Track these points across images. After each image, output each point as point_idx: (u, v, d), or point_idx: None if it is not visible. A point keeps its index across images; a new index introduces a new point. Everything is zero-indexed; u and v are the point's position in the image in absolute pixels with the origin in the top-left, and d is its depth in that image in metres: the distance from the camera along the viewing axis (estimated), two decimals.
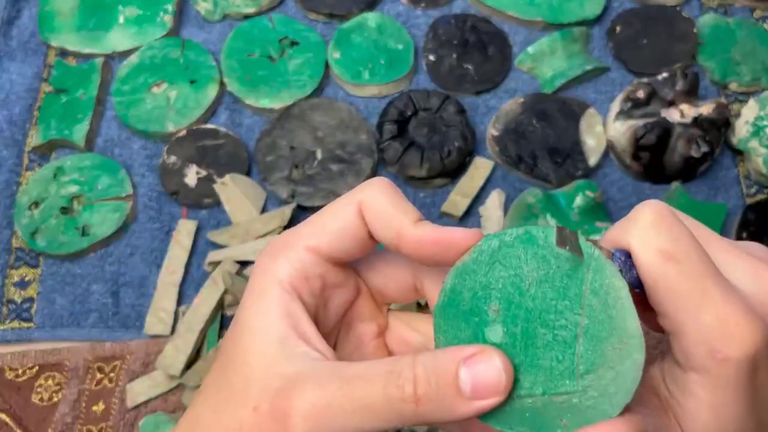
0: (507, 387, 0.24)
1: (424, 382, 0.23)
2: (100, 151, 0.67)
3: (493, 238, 0.25)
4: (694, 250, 0.24)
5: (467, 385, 0.23)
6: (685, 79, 0.63)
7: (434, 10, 0.73)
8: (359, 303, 0.30)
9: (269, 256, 0.28)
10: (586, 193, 0.61)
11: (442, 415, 0.24)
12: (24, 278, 0.63)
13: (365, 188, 0.27)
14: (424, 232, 0.26)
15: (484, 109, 0.69)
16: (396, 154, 0.63)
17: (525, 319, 0.24)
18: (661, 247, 0.24)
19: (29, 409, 0.57)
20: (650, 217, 0.25)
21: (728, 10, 0.74)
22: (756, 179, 0.65)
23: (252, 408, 0.25)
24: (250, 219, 0.62)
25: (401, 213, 0.27)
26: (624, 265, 0.25)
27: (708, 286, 0.23)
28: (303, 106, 0.67)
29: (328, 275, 0.28)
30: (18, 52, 0.72)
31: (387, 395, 0.24)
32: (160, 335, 0.59)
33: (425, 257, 0.27)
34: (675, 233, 0.24)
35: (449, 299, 0.26)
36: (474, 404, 0.23)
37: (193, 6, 0.74)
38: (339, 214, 0.28)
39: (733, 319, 0.23)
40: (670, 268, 0.24)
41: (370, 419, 0.24)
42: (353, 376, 0.24)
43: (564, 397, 0.23)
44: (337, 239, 0.27)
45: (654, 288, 0.24)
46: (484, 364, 0.24)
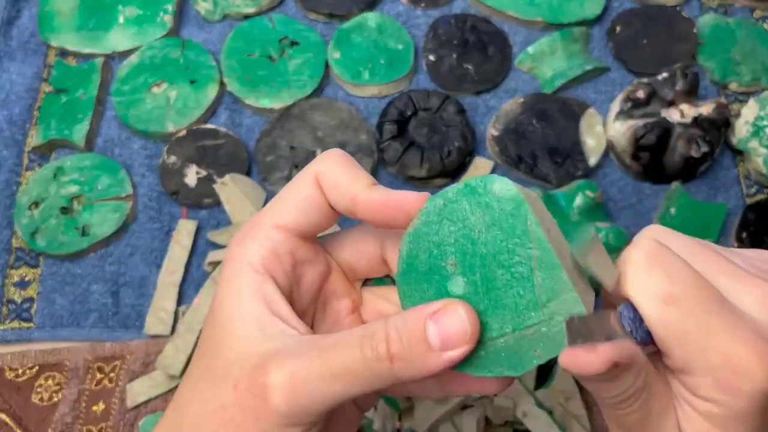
0: (473, 334, 0.25)
1: (396, 341, 0.24)
2: (100, 151, 0.67)
3: (437, 197, 0.27)
4: (694, 287, 0.24)
5: (435, 338, 0.24)
6: (685, 79, 0.63)
7: (434, 10, 0.73)
8: (332, 280, 0.31)
9: (238, 241, 0.28)
10: (586, 193, 0.61)
11: (416, 371, 0.24)
12: (24, 278, 0.63)
13: (320, 160, 0.28)
14: (377, 196, 0.27)
15: (484, 109, 0.69)
16: (396, 154, 0.63)
17: (482, 266, 0.25)
18: (658, 293, 0.24)
19: (29, 409, 0.57)
20: (642, 261, 0.24)
21: (728, 10, 0.74)
22: (756, 179, 0.65)
23: (232, 387, 0.25)
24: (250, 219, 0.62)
25: (355, 179, 0.27)
26: (634, 323, 0.24)
27: (713, 323, 0.23)
28: (303, 106, 0.67)
29: (298, 251, 0.29)
30: (18, 52, 0.72)
31: (363, 357, 0.24)
32: (160, 335, 0.59)
33: (379, 220, 0.28)
34: (671, 272, 0.24)
35: (408, 264, 0.27)
36: (445, 356, 0.24)
37: (193, 6, 0.74)
38: (299, 188, 0.28)
39: (742, 355, 0.22)
40: (671, 313, 0.23)
41: (350, 382, 0.24)
42: (329, 344, 0.25)
43: (533, 329, 0.25)
44: (301, 212, 0.28)
45: (659, 334, 0.24)
46: (449, 317, 0.25)
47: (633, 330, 0.24)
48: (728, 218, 0.63)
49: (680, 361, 0.24)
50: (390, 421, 0.52)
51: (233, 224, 0.62)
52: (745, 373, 0.22)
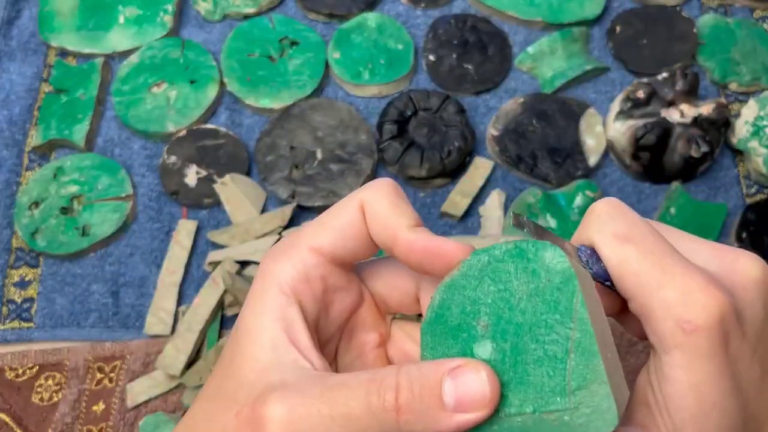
0: (492, 400, 0.23)
1: (406, 391, 0.23)
2: (100, 151, 0.67)
3: (483, 252, 0.25)
4: (650, 233, 0.25)
5: (451, 396, 0.23)
6: (685, 79, 0.63)
7: (434, 10, 0.73)
8: (362, 311, 0.30)
9: (271, 258, 0.28)
10: (586, 193, 0.61)
11: (423, 428, 0.23)
12: (24, 278, 0.63)
13: (368, 188, 0.27)
14: (417, 238, 0.26)
15: (484, 109, 0.69)
16: (396, 154, 0.63)
17: (514, 335, 0.24)
18: (617, 232, 0.25)
19: (29, 409, 0.57)
20: (605, 209, 0.26)
21: (728, 10, 0.74)
22: (756, 179, 0.65)
23: (235, 414, 0.25)
24: (250, 219, 0.62)
25: (398, 215, 0.26)
26: (590, 258, 0.25)
27: (666, 263, 0.24)
28: (303, 106, 0.67)
29: (330, 277, 0.28)
30: (18, 52, 0.72)
31: (368, 403, 0.23)
32: (160, 335, 0.59)
33: (416, 264, 0.27)
34: (629, 219, 0.25)
35: (437, 315, 0.26)
36: (457, 417, 0.23)
37: (193, 6, 0.74)
38: (341, 213, 0.27)
39: (695, 288, 0.23)
40: (628, 250, 0.25)
41: (350, 429, 0.23)
42: (336, 383, 0.24)
43: (555, 415, 0.23)
44: (339, 238, 0.27)
45: (617, 273, 0.25)
46: (469, 376, 0.23)
47: (590, 263, 0.25)
48: (728, 218, 0.63)
49: (640, 300, 0.24)
50: None
51: (233, 224, 0.62)
52: (699, 307, 0.23)
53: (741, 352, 0.24)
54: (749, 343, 0.24)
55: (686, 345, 0.23)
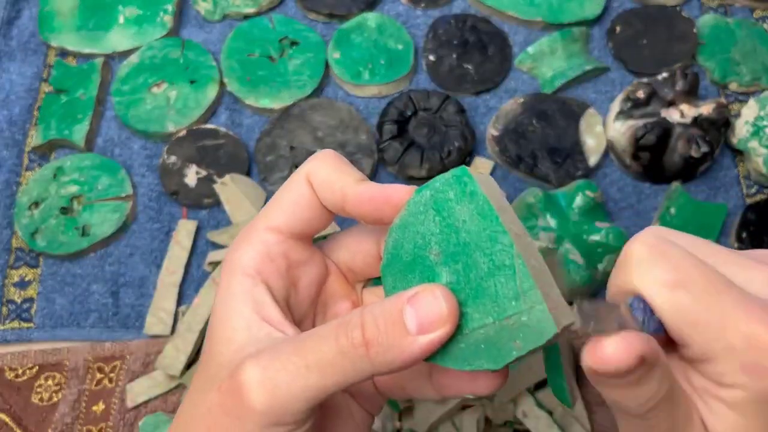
0: (451, 316, 0.24)
1: (371, 326, 0.24)
2: (100, 151, 0.67)
3: (424, 188, 0.26)
4: (699, 271, 0.23)
5: (412, 321, 0.24)
6: (685, 79, 0.63)
7: (434, 10, 0.73)
8: (331, 282, 0.31)
9: (234, 246, 0.29)
10: (586, 193, 0.61)
11: (393, 357, 0.24)
12: (24, 278, 0.63)
13: (310, 160, 0.28)
14: (364, 189, 0.27)
15: (484, 109, 0.69)
16: (396, 154, 0.63)
17: (464, 254, 0.25)
18: (665, 279, 0.23)
19: (29, 409, 0.57)
20: (644, 252, 0.24)
21: (728, 10, 0.74)
22: (756, 179, 0.65)
23: (216, 389, 0.25)
24: (250, 219, 0.62)
25: (344, 175, 0.28)
26: (645, 314, 0.24)
27: (726, 304, 0.22)
28: (303, 106, 0.67)
29: (291, 253, 0.29)
30: (18, 52, 0.72)
31: (338, 345, 0.24)
32: (160, 335, 0.59)
33: (369, 215, 0.27)
34: (674, 260, 0.24)
35: (393, 255, 0.27)
36: (421, 339, 0.24)
37: (193, 6, 0.74)
38: (291, 188, 0.28)
39: (761, 332, 0.22)
40: (681, 298, 0.23)
41: (325, 373, 0.24)
42: (306, 336, 0.25)
43: (513, 319, 0.24)
44: (293, 213, 0.28)
45: (673, 324, 0.23)
46: (426, 299, 0.24)
47: (644, 321, 0.24)
48: (728, 218, 0.63)
49: (699, 348, 0.23)
50: (390, 421, 0.52)
51: (233, 224, 0.62)
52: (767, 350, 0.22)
53: None
54: None
55: (750, 387, 0.22)
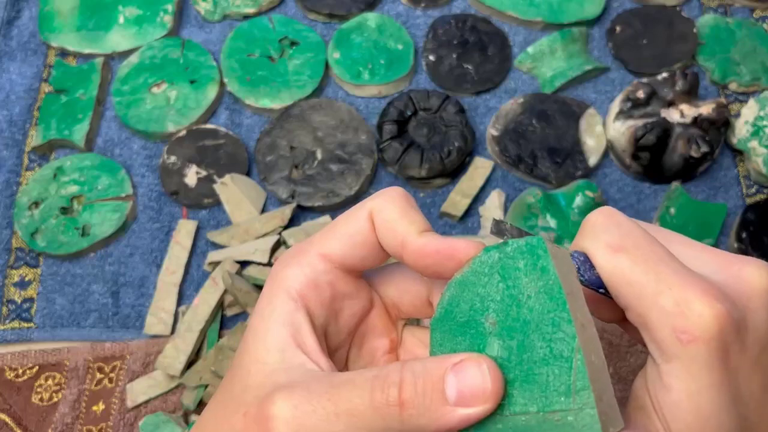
0: (494, 394, 0.23)
1: (410, 386, 0.23)
2: (100, 151, 0.67)
3: (494, 249, 0.25)
4: (644, 240, 0.25)
5: (453, 390, 0.23)
6: (685, 79, 0.63)
7: (434, 10, 0.73)
8: (372, 316, 0.30)
9: (282, 263, 0.28)
10: (586, 193, 0.61)
11: (427, 423, 0.23)
12: (24, 278, 0.63)
13: (377, 196, 0.27)
14: (427, 242, 0.26)
15: (484, 109, 0.69)
16: (396, 154, 0.63)
17: (522, 332, 0.23)
18: (610, 242, 0.25)
19: (29, 409, 0.57)
20: (599, 219, 0.26)
21: (728, 10, 0.74)
22: (756, 179, 0.65)
23: (242, 414, 0.25)
24: (250, 219, 0.62)
25: (408, 222, 0.26)
26: (583, 265, 0.25)
27: (662, 270, 0.24)
28: (303, 106, 0.67)
29: (338, 284, 0.28)
30: (18, 52, 0.72)
31: (372, 399, 0.23)
32: (160, 335, 0.59)
33: (427, 268, 0.26)
34: (623, 229, 0.25)
35: (446, 311, 0.25)
36: (460, 412, 0.23)
37: (193, 6, 0.74)
38: (350, 221, 0.28)
39: (692, 297, 0.23)
40: (621, 259, 0.24)
41: (354, 425, 0.23)
42: (341, 381, 0.24)
43: (559, 415, 0.22)
44: (348, 245, 0.27)
45: (612, 283, 0.25)
46: (471, 370, 0.23)
47: (581, 270, 0.25)
48: (728, 218, 0.63)
49: (637, 309, 0.24)
50: None
51: (233, 224, 0.62)
52: (696, 317, 0.22)
53: (742, 364, 0.23)
54: (751, 354, 0.24)
55: (684, 356, 0.23)
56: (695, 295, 0.23)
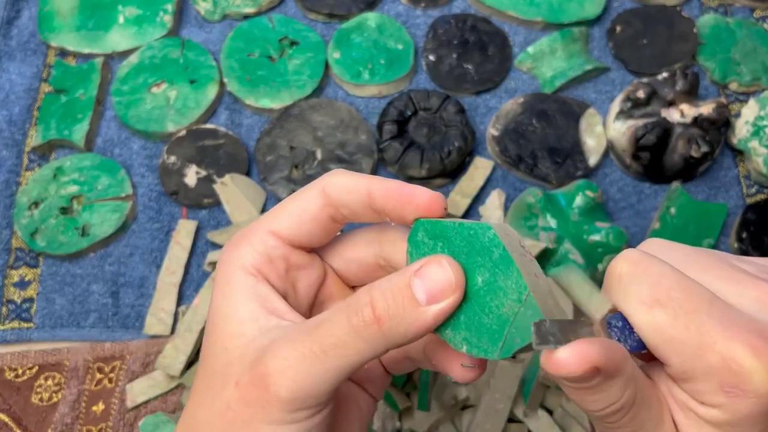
0: (459, 284, 0.24)
1: (381, 302, 0.24)
2: (100, 151, 0.67)
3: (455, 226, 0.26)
4: (678, 286, 0.23)
5: (421, 292, 0.24)
6: (685, 79, 0.63)
7: (434, 10, 0.73)
8: (328, 284, 0.31)
9: (232, 245, 0.29)
10: (586, 193, 0.61)
11: (406, 329, 0.24)
12: (24, 278, 0.63)
13: (327, 175, 0.29)
14: (392, 185, 0.27)
15: (484, 109, 0.69)
16: (396, 154, 0.63)
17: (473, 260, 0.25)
18: (643, 297, 0.23)
19: (29, 409, 0.57)
20: (626, 269, 0.24)
21: (728, 10, 0.74)
22: (756, 179, 0.65)
23: (234, 385, 0.25)
24: (250, 219, 0.62)
25: (365, 178, 0.28)
26: (623, 332, 0.24)
27: (704, 322, 0.22)
28: (303, 106, 0.67)
29: (291, 256, 0.29)
30: (18, 52, 0.72)
31: (350, 326, 0.24)
32: (160, 335, 0.59)
33: (393, 210, 0.27)
34: (653, 276, 0.23)
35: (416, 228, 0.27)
36: (433, 309, 0.24)
37: (192, 6, 0.74)
38: (301, 198, 0.28)
39: (740, 353, 0.21)
40: (658, 316, 0.23)
41: (342, 355, 0.24)
42: (318, 321, 0.25)
43: (514, 309, 0.24)
44: (298, 223, 0.28)
45: (652, 343, 0.23)
46: (433, 270, 0.24)
47: (622, 339, 0.24)
48: (728, 218, 0.63)
49: (679, 366, 0.23)
50: (390, 421, 0.52)
51: (233, 224, 0.62)
52: (745, 373, 0.21)
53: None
54: None
55: (729, 407, 0.22)
56: (744, 349, 0.21)
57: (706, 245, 0.62)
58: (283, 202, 0.29)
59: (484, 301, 0.25)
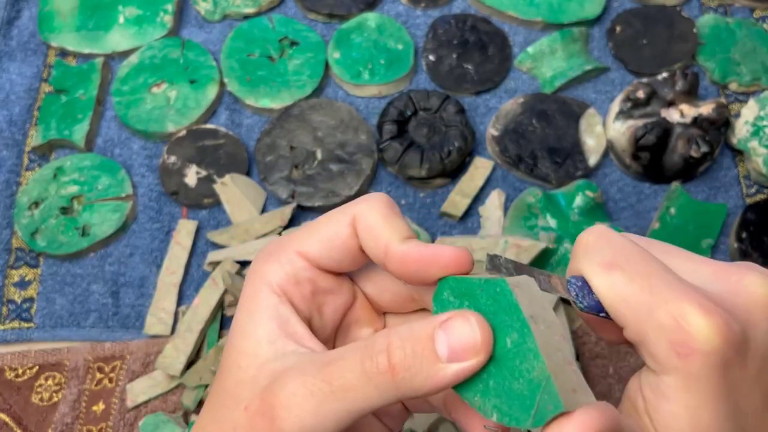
0: (485, 345, 0.23)
1: (398, 350, 0.23)
2: (100, 151, 0.67)
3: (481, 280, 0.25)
4: (638, 255, 0.24)
5: (443, 346, 0.23)
6: (685, 79, 0.63)
7: (434, 10, 0.73)
8: (356, 308, 0.30)
9: (262, 259, 0.28)
10: (586, 193, 0.61)
11: (421, 384, 0.23)
12: (24, 278, 0.63)
13: (361, 201, 0.27)
14: (409, 249, 0.26)
15: (484, 109, 0.69)
16: (396, 154, 0.63)
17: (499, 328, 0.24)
18: (603, 260, 0.24)
19: (29, 409, 0.57)
20: (590, 238, 0.25)
21: (728, 10, 0.74)
22: (756, 179, 0.65)
23: (243, 408, 0.25)
24: (250, 219, 0.62)
25: (390, 229, 0.26)
26: (581, 290, 0.25)
27: (656, 284, 0.23)
28: (303, 106, 0.67)
29: (318, 280, 0.28)
30: (18, 52, 0.72)
31: (363, 370, 0.23)
32: (160, 335, 0.59)
33: (410, 275, 0.26)
34: (615, 246, 0.25)
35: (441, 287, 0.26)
36: (453, 367, 0.23)
37: (193, 6, 0.74)
38: (332, 223, 0.27)
39: (690, 310, 0.22)
40: (614, 277, 0.24)
41: (351, 399, 0.23)
42: (331, 358, 0.24)
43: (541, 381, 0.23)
44: (327, 248, 0.27)
45: (608, 302, 0.24)
46: (460, 325, 0.23)
47: (579, 297, 0.25)
48: (728, 218, 0.63)
49: (633, 326, 0.23)
50: None
51: (233, 224, 0.62)
52: (693, 330, 0.22)
53: (742, 377, 0.23)
54: (752, 368, 0.23)
55: (681, 369, 0.22)
56: (692, 308, 0.22)
57: (706, 245, 0.62)
58: (314, 223, 0.28)
59: (514, 365, 0.23)
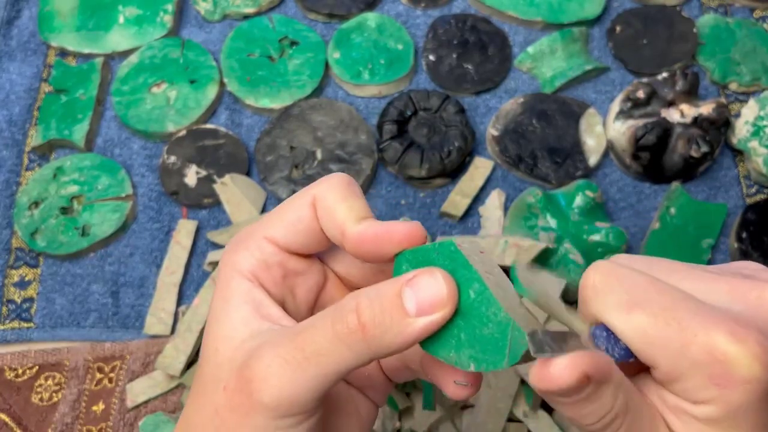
0: (451, 297, 0.24)
1: (367, 309, 0.23)
2: (100, 151, 0.67)
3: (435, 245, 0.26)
4: (652, 288, 0.23)
5: (411, 302, 0.23)
6: (685, 79, 0.63)
7: (434, 10, 0.73)
8: (328, 287, 0.30)
9: (232, 249, 0.28)
10: (586, 193, 0.61)
11: (391, 339, 0.23)
12: (24, 278, 0.63)
13: (321, 183, 0.28)
14: (364, 229, 0.26)
15: (484, 109, 0.69)
16: (396, 154, 0.63)
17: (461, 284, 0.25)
18: (619, 301, 0.23)
19: (29, 409, 0.57)
20: (598, 278, 0.24)
21: (728, 10, 0.74)
22: (756, 179, 0.65)
23: (222, 389, 0.25)
24: (250, 219, 0.62)
25: (347, 210, 0.26)
26: (608, 341, 0.24)
27: (681, 318, 0.22)
28: (303, 106, 0.67)
29: (288, 263, 0.28)
30: (18, 52, 0.72)
31: (334, 333, 0.24)
32: (160, 335, 0.59)
33: (366, 254, 0.26)
34: (626, 282, 0.24)
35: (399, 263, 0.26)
36: (422, 320, 0.23)
37: (193, 6, 0.74)
38: (294, 207, 0.28)
39: (721, 342, 0.21)
40: (638, 318, 0.23)
41: (325, 363, 0.24)
42: (302, 328, 0.24)
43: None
44: (293, 232, 0.28)
45: (636, 346, 0.23)
46: (426, 281, 0.24)
47: (609, 349, 0.24)
48: (728, 218, 0.63)
49: (666, 367, 0.23)
50: (390, 421, 0.52)
51: (233, 224, 0.62)
52: (730, 361, 0.21)
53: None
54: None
55: (720, 399, 0.22)
56: (724, 337, 0.21)
57: (706, 246, 0.62)
58: (279, 208, 0.28)
59: (481, 312, 0.24)
